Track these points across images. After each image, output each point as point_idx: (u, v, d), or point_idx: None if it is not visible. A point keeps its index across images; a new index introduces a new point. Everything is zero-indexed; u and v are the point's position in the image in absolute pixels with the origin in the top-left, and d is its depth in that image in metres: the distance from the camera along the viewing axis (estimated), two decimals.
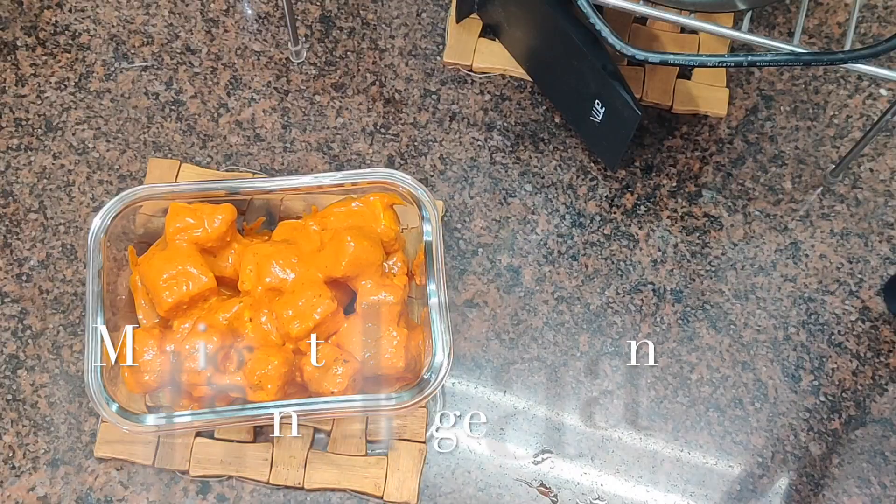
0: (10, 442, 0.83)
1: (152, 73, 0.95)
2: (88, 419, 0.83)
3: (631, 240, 0.91)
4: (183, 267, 0.77)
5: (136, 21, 0.97)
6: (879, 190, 0.93)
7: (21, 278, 0.88)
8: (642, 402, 0.85)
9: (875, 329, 0.88)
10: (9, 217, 0.90)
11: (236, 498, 0.82)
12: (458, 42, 0.97)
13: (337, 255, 0.77)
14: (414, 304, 0.83)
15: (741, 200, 0.92)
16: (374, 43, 0.97)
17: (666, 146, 0.94)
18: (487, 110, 0.95)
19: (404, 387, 0.77)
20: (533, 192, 0.92)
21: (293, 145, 0.93)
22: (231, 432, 0.83)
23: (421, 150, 0.93)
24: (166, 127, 0.93)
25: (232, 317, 0.77)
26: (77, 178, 0.91)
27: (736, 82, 0.96)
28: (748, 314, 0.88)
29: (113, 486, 0.82)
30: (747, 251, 0.91)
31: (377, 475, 0.82)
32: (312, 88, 0.95)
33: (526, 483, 0.83)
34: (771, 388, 0.86)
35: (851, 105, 0.96)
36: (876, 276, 0.90)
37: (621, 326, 0.88)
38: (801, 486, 0.83)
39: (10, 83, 0.94)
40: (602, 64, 0.84)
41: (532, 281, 0.89)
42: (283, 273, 0.77)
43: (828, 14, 0.99)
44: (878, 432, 0.85)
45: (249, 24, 0.98)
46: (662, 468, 0.83)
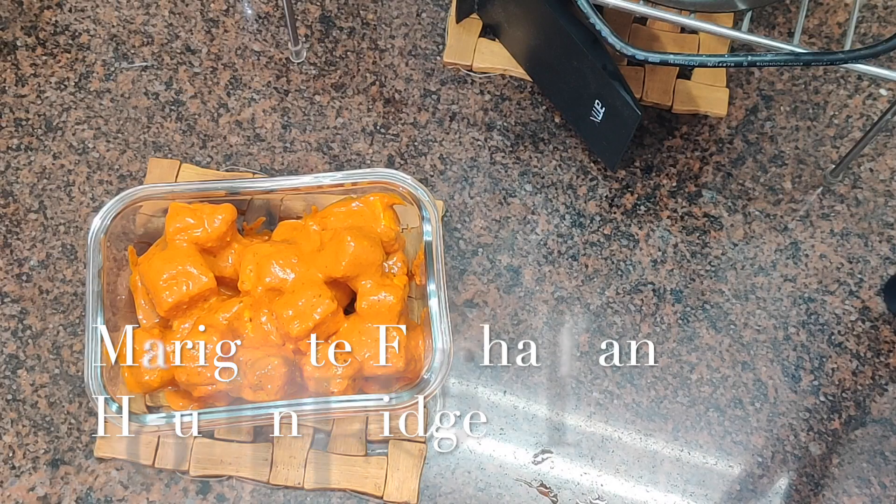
0: (10, 442, 0.83)
1: (152, 73, 0.95)
2: (88, 419, 0.83)
3: (631, 240, 0.91)
4: (183, 267, 0.77)
5: (136, 21, 0.97)
6: (879, 190, 0.93)
7: (21, 278, 0.88)
8: (642, 402, 0.85)
9: (875, 329, 0.88)
10: (9, 217, 0.90)
11: (236, 498, 0.82)
12: (458, 42, 0.97)
13: (337, 255, 0.77)
14: (414, 304, 0.83)
15: (741, 200, 0.92)
16: (374, 43, 0.97)
17: (666, 146, 0.94)
18: (487, 110, 0.95)
19: (404, 387, 0.77)
20: (533, 192, 0.92)
21: (293, 145, 0.93)
22: (231, 432, 0.83)
23: (421, 150, 0.93)
24: (166, 127, 0.93)
25: (232, 317, 0.77)
26: (77, 178, 0.91)
27: (736, 82, 0.96)
28: (748, 314, 0.88)
29: (113, 486, 0.82)
30: (747, 251, 0.91)
31: (377, 475, 0.82)
32: (312, 88, 0.95)
33: (526, 483, 0.83)
34: (771, 388, 0.86)
35: (851, 105, 0.96)
36: (876, 276, 0.90)
37: (621, 326, 0.88)
38: (801, 486, 0.83)
39: (10, 83, 0.94)
40: (602, 64, 0.84)
41: (532, 281, 0.89)
42: (283, 273, 0.77)
43: (828, 14, 0.99)
44: (878, 432, 0.85)
45: (249, 24, 0.98)
46: (662, 468, 0.84)
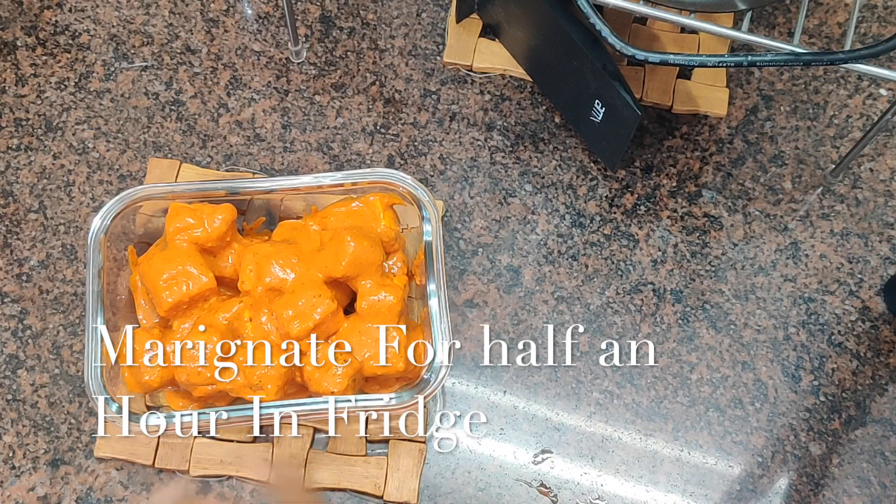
0: (10, 442, 0.83)
1: (152, 73, 0.95)
2: (88, 419, 0.83)
3: (631, 240, 0.91)
4: (183, 267, 0.77)
5: (136, 21, 0.97)
6: (879, 190, 0.93)
7: (21, 278, 0.88)
8: (642, 402, 0.85)
9: (875, 329, 0.88)
10: (9, 217, 0.90)
11: (236, 498, 0.82)
12: (458, 42, 0.97)
13: (337, 255, 0.77)
14: (414, 304, 0.83)
15: (741, 200, 0.92)
16: (374, 43, 0.97)
17: (666, 146, 0.94)
18: (487, 110, 0.95)
19: (404, 387, 0.77)
20: (533, 192, 0.92)
21: (293, 145, 0.93)
22: (231, 432, 0.83)
23: (421, 150, 0.93)
24: (166, 127, 0.93)
25: (232, 317, 0.77)
26: (77, 178, 0.91)
27: (736, 82, 0.96)
28: (748, 314, 0.88)
29: (113, 486, 0.82)
30: (747, 251, 0.91)
31: (377, 475, 0.82)
32: (312, 88, 0.95)
33: (526, 483, 0.83)
34: (771, 388, 0.86)
35: (851, 105, 0.96)
36: (876, 276, 0.90)
37: (621, 326, 0.88)
38: (801, 486, 0.83)
39: (10, 83, 0.94)
40: (602, 64, 0.84)
41: (532, 281, 0.89)
42: (283, 273, 0.77)
43: (828, 14, 0.99)
44: (878, 432, 0.85)
45: (249, 24, 0.98)
46: (662, 468, 0.84)
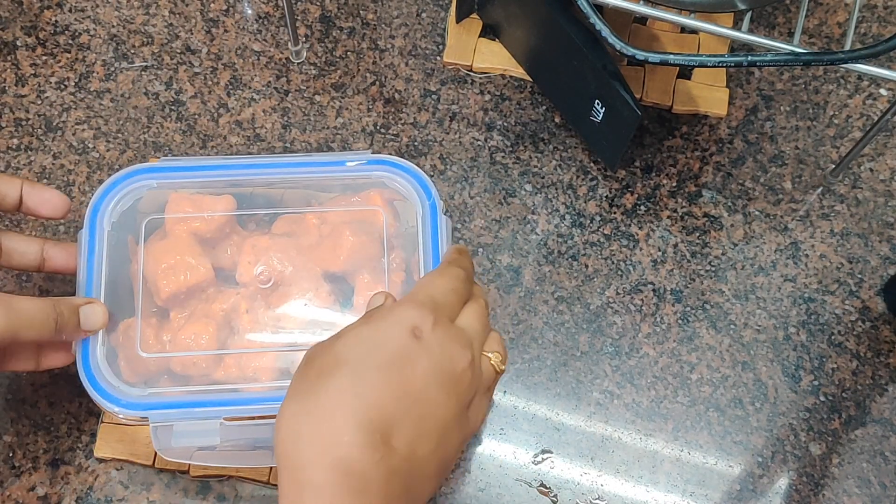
0: (10, 442, 0.83)
1: (152, 73, 0.95)
2: (88, 419, 0.83)
3: (631, 240, 0.91)
4: (181, 257, 0.77)
5: (136, 21, 0.97)
6: (879, 190, 0.93)
7: (21, 278, 0.88)
8: (642, 402, 0.85)
9: (875, 329, 0.88)
10: (9, 217, 0.90)
11: (236, 498, 0.81)
12: (458, 42, 0.97)
13: (335, 249, 0.77)
14: None
15: (741, 200, 0.92)
16: (374, 43, 0.97)
17: (666, 146, 0.94)
18: (487, 110, 0.95)
19: None
20: (533, 192, 0.92)
21: (293, 145, 0.93)
22: None
23: (421, 150, 0.93)
24: (166, 127, 0.93)
25: (229, 308, 0.77)
26: (77, 178, 0.91)
27: (736, 82, 0.96)
28: (748, 314, 0.88)
29: (113, 486, 0.82)
30: (747, 251, 0.91)
31: None
32: (312, 88, 0.95)
33: (526, 483, 0.83)
34: (771, 388, 0.86)
35: (851, 105, 0.96)
36: (876, 276, 0.90)
37: (621, 326, 0.88)
38: (801, 486, 0.83)
39: (10, 83, 0.94)
40: (602, 64, 0.84)
41: (532, 281, 0.89)
42: (281, 266, 0.78)
43: (828, 14, 0.99)
44: (878, 432, 0.85)
45: (249, 24, 0.98)
46: (662, 468, 0.83)
